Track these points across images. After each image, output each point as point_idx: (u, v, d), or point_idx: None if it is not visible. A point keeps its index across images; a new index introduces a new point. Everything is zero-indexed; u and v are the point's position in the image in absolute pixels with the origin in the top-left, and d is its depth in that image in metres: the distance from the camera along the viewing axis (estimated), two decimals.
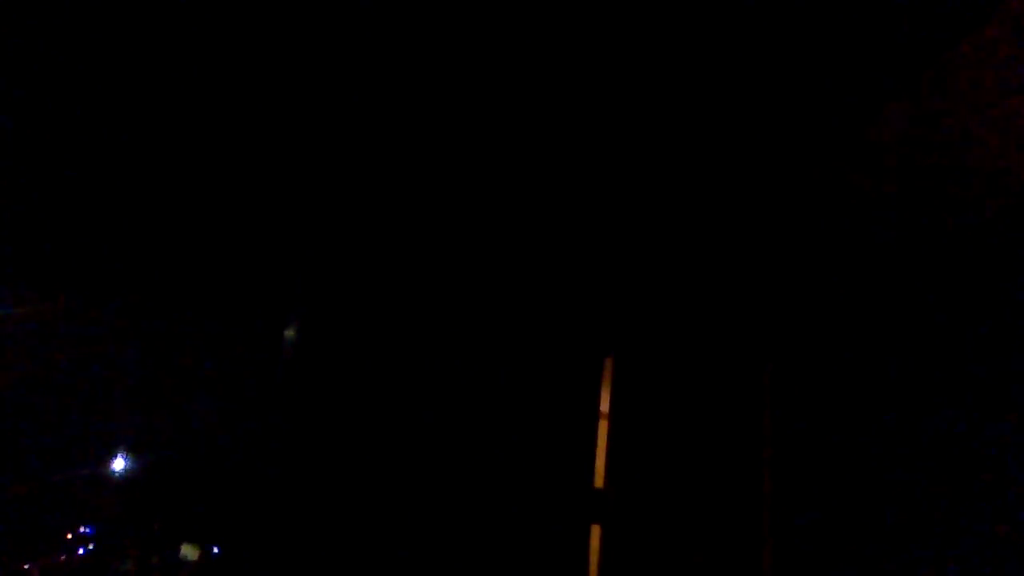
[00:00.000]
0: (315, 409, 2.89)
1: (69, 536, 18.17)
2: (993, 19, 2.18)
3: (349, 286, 3.05)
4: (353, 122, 2.64)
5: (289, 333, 3.01)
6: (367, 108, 2.57)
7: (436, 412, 3.00)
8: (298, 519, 2.77)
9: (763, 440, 3.19)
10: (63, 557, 17.45)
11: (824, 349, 3.37)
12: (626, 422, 3.27)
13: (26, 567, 15.77)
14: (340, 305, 3.03)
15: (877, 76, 2.42)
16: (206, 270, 3.76)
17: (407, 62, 2.37)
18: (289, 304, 3.08)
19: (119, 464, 14.91)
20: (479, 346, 3.12)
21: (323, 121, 2.64)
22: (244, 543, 2.77)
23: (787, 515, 3.13)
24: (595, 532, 3.15)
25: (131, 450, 14.81)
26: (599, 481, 3.22)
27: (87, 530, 18.34)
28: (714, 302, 3.43)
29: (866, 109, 2.53)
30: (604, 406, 3.34)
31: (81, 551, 18.22)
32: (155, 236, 3.77)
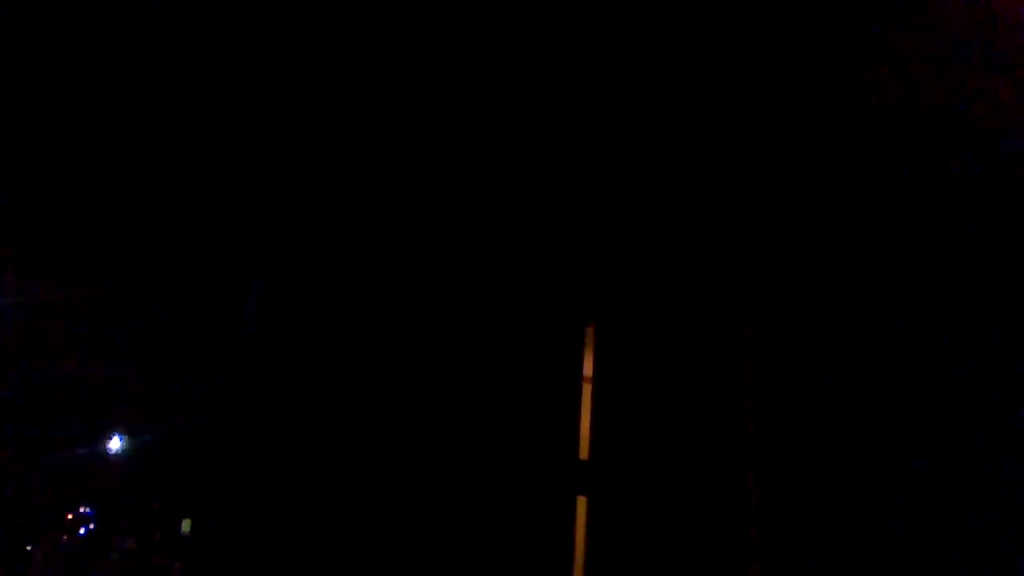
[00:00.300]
0: (287, 382, 2.86)
1: (70, 516, 18.29)
2: None
3: (320, 256, 3.01)
4: (317, 96, 2.58)
5: (253, 303, 2.97)
6: (332, 83, 2.52)
7: (415, 384, 2.98)
8: (276, 494, 2.76)
9: (746, 407, 3.19)
10: (65, 537, 17.58)
11: (805, 314, 3.36)
12: (610, 391, 3.25)
13: (28, 548, 15.89)
14: (310, 275, 2.99)
15: (854, 36, 2.38)
16: (181, 246, 3.73)
17: (370, 40, 2.31)
18: (252, 274, 3.04)
19: (116, 443, 14.93)
20: (458, 316, 3.09)
21: (286, 97, 2.58)
22: (219, 519, 2.75)
23: (772, 482, 3.13)
24: (581, 504, 3.16)
25: (129, 429, 14.83)
26: (584, 453, 3.21)
27: (88, 510, 18.45)
28: (695, 268, 3.40)
29: (843, 70, 2.49)
30: (587, 375, 3.32)
31: (82, 531, 18.35)
32: (136, 217, 3.73)
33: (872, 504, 3.10)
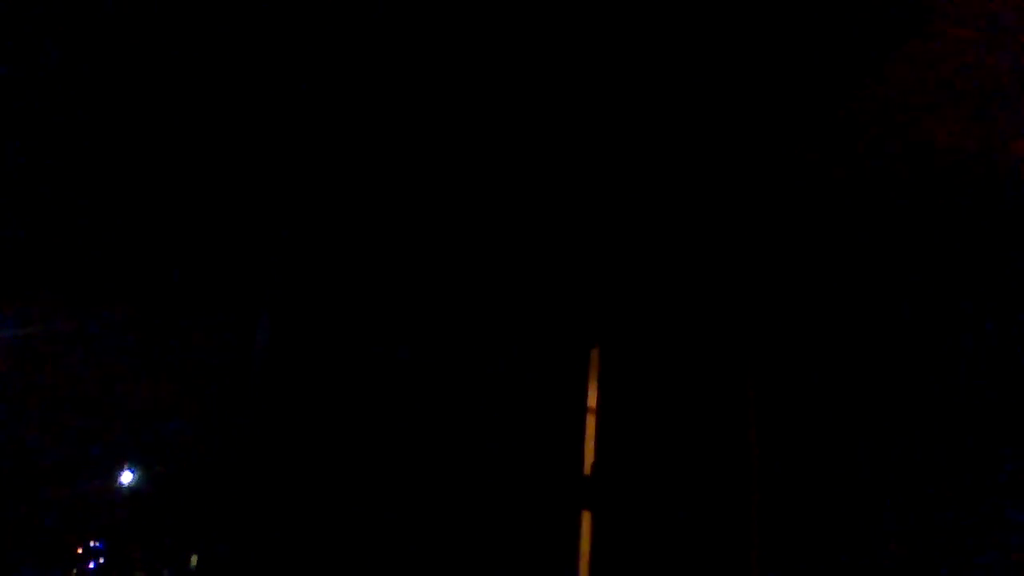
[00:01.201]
0: (293, 408, 2.90)
1: (80, 551, 18.22)
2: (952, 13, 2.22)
3: (326, 280, 3.07)
4: (325, 111, 2.67)
5: (263, 328, 3.02)
6: (340, 98, 2.60)
7: (421, 405, 3.02)
8: (284, 518, 2.79)
9: (749, 425, 3.22)
10: (75, 571, 17.52)
11: (807, 337, 3.40)
12: (614, 409, 3.30)
13: None
14: (317, 300, 3.05)
15: (848, 62, 2.45)
16: (193, 272, 3.80)
17: (379, 54, 2.41)
18: (262, 298, 3.10)
19: (127, 477, 14.95)
20: (463, 339, 3.15)
21: (295, 112, 2.67)
22: (224, 549, 2.78)
23: (774, 500, 3.15)
24: (586, 518, 3.19)
25: (139, 463, 14.85)
26: (588, 468, 3.25)
27: (97, 544, 18.38)
28: (699, 290, 3.46)
29: (843, 104, 2.56)
30: (591, 395, 3.37)
31: (92, 565, 18.27)
32: (148, 240, 3.81)
33: (875, 521, 3.12)
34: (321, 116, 2.72)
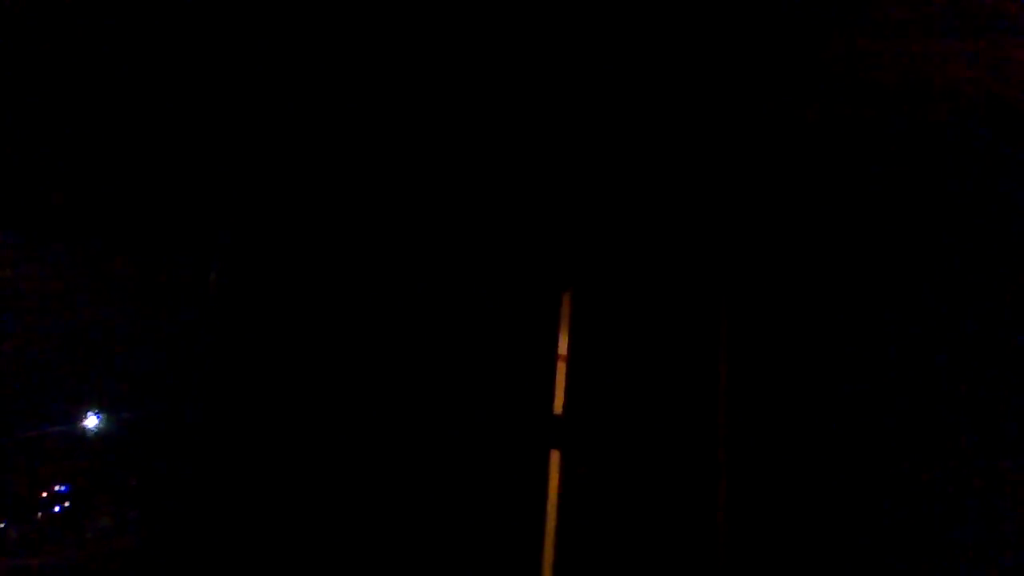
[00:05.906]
0: (250, 355, 2.85)
1: (44, 495, 18.17)
2: None
3: (284, 221, 2.99)
4: (284, 46, 2.58)
5: (215, 275, 2.92)
6: (299, 35, 2.52)
7: (388, 350, 3.00)
8: (241, 474, 2.76)
9: (719, 368, 3.25)
10: (39, 515, 17.49)
11: (782, 281, 3.41)
12: (586, 354, 3.30)
13: (2, 526, 15.80)
14: (273, 236, 2.97)
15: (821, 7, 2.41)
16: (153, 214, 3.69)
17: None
18: (216, 242, 3.00)
19: (93, 421, 14.87)
20: (431, 281, 3.11)
21: (248, 47, 2.57)
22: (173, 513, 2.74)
23: (742, 444, 3.20)
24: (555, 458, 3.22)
25: (105, 406, 14.78)
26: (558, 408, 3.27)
27: (62, 488, 18.35)
28: (674, 235, 3.45)
29: (814, 40, 2.53)
30: (563, 340, 3.37)
31: (57, 509, 18.25)
32: (106, 174, 3.70)
33: (837, 470, 3.17)
34: (280, 67, 2.61)
